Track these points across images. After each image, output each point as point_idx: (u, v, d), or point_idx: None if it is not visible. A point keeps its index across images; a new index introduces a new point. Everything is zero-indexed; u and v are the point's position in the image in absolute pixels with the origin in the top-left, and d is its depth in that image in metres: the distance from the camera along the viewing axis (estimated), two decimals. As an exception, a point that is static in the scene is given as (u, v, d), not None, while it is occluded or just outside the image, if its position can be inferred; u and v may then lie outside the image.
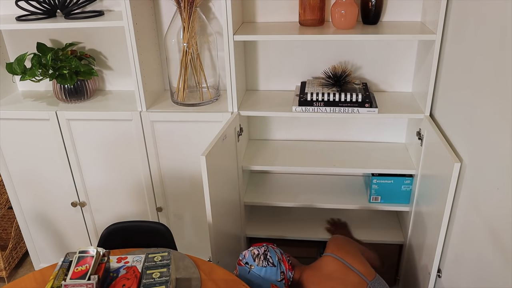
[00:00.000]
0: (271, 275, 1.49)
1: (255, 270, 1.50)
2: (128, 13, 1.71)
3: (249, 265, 1.52)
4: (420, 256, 1.73)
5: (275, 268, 1.50)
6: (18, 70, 1.91)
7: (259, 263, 1.51)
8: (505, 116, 1.12)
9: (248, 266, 1.52)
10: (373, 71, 1.97)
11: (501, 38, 1.15)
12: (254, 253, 1.53)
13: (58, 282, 1.23)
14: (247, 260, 1.53)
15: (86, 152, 2.02)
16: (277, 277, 1.50)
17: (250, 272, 1.50)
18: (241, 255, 1.56)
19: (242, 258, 1.55)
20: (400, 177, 1.90)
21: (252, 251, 1.54)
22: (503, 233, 1.13)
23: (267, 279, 1.49)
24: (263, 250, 1.54)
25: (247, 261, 1.53)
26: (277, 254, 1.54)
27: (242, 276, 1.52)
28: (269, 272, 1.50)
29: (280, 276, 1.50)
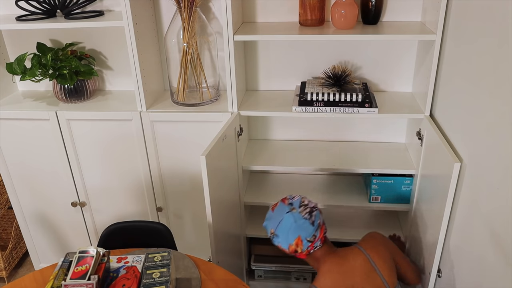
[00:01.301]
0: (305, 230, 1.42)
1: (294, 215, 1.43)
2: (128, 13, 1.71)
3: (292, 207, 1.45)
4: (420, 256, 1.73)
5: (312, 227, 1.43)
6: (18, 70, 1.91)
7: (302, 212, 1.44)
8: (505, 116, 1.12)
9: (290, 207, 1.45)
10: (373, 71, 1.97)
11: (501, 38, 1.15)
12: (304, 201, 1.48)
13: (58, 282, 1.23)
14: (292, 202, 1.47)
15: (86, 152, 2.02)
16: (308, 236, 1.42)
17: (288, 214, 1.44)
18: (290, 196, 1.51)
19: (289, 198, 1.49)
20: (400, 177, 1.90)
21: (303, 199, 1.49)
22: (503, 233, 1.13)
23: (297, 230, 1.42)
24: (312, 205, 1.48)
25: (293, 202, 1.47)
26: (320, 220, 1.47)
27: (278, 212, 1.46)
28: (305, 226, 1.42)
29: (311, 237, 1.43)
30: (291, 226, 1.42)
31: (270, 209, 1.51)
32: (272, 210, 1.50)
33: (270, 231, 1.48)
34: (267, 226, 1.50)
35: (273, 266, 2.17)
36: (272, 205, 1.52)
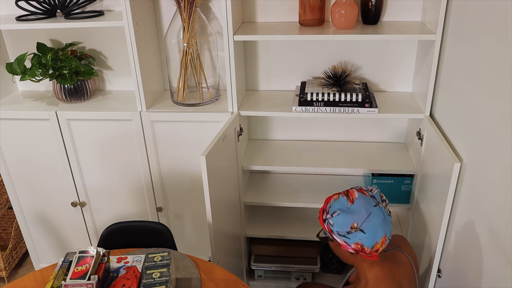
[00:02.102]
0: (390, 228, 1.28)
1: (382, 209, 1.28)
2: (128, 13, 1.71)
3: (377, 201, 1.30)
4: (420, 256, 1.73)
5: (392, 225, 1.31)
6: (18, 70, 1.91)
7: (385, 206, 1.32)
8: (505, 116, 1.12)
9: (375, 201, 1.30)
10: (373, 71, 1.97)
11: (501, 38, 1.15)
12: (382, 196, 1.35)
13: (58, 282, 1.23)
14: (374, 195, 1.32)
15: (86, 152, 2.02)
16: (390, 234, 1.28)
17: (376, 208, 1.27)
18: (366, 187, 1.35)
19: (368, 190, 1.34)
20: (400, 177, 1.90)
21: (381, 193, 1.35)
22: (503, 233, 1.13)
23: (385, 227, 1.27)
24: (387, 202, 1.36)
25: (374, 195, 1.32)
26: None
27: (362, 205, 1.27)
28: (390, 223, 1.29)
29: (391, 236, 1.31)
30: (381, 222, 1.26)
31: (348, 201, 1.28)
32: (351, 202, 1.28)
33: (351, 225, 1.25)
34: (345, 220, 1.26)
35: (273, 266, 2.17)
36: (348, 196, 1.30)
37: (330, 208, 1.31)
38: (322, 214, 1.34)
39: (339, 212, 1.27)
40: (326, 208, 1.32)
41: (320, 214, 1.35)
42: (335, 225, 1.27)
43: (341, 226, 1.26)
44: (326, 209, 1.32)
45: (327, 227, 1.30)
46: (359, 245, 1.25)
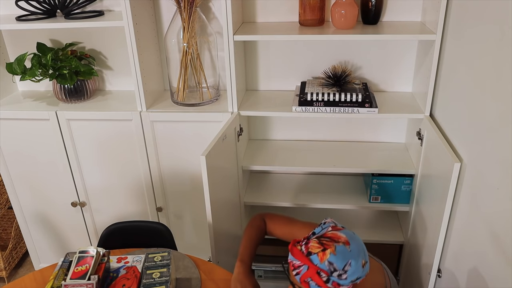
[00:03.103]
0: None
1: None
2: (128, 13, 1.71)
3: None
4: (420, 256, 1.73)
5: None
6: (18, 70, 1.91)
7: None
8: (505, 116, 1.12)
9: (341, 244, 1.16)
10: (373, 71, 1.97)
11: (501, 38, 1.15)
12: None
13: (58, 282, 1.23)
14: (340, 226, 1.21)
15: (86, 152, 2.02)
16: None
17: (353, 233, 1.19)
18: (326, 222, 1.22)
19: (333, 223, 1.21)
20: (400, 177, 1.90)
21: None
22: (503, 233, 1.13)
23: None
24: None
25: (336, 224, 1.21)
26: None
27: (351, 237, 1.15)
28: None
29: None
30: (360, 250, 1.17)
31: (344, 245, 1.13)
32: (346, 244, 1.13)
33: (362, 265, 1.14)
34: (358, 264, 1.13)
35: (273, 266, 2.17)
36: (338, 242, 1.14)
37: (333, 264, 1.11)
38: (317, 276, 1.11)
39: (350, 261, 1.11)
40: (324, 267, 1.11)
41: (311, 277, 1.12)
42: (351, 275, 1.11)
43: (356, 273, 1.12)
44: (324, 269, 1.11)
45: (333, 284, 1.11)
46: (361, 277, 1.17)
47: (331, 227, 1.18)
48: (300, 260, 1.12)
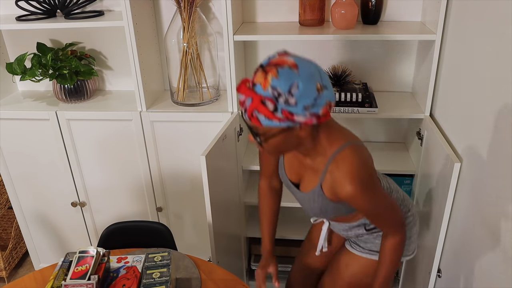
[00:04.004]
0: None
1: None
2: (128, 13, 1.71)
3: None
4: (420, 256, 1.73)
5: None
6: (18, 70, 1.91)
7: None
8: (505, 116, 1.12)
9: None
10: (373, 71, 1.97)
11: (501, 38, 1.15)
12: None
13: (58, 282, 1.23)
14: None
15: (86, 152, 2.02)
16: None
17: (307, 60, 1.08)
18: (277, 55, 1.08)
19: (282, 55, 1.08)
20: (400, 177, 1.90)
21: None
22: (503, 233, 1.13)
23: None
24: None
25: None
26: None
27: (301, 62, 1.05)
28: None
29: None
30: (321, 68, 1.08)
31: (291, 68, 1.01)
32: (294, 67, 1.01)
33: (316, 88, 1.02)
34: (308, 86, 1.00)
35: (275, 266, 2.16)
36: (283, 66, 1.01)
37: (277, 88, 0.99)
38: (262, 106, 1.01)
39: (297, 82, 0.99)
40: (268, 94, 1.00)
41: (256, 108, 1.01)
42: (301, 99, 1.00)
43: (308, 96, 1.00)
44: (268, 96, 1.00)
45: (284, 114, 1.01)
46: (327, 105, 1.05)
47: (278, 54, 1.06)
48: (245, 93, 1.03)
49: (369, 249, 1.45)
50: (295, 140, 1.10)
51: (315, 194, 1.23)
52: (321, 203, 1.24)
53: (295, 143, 1.11)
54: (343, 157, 1.14)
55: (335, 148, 1.15)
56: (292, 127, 1.05)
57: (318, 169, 1.20)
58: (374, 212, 1.22)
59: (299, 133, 1.07)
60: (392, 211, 1.26)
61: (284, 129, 1.05)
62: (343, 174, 1.12)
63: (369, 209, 1.20)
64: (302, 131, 1.06)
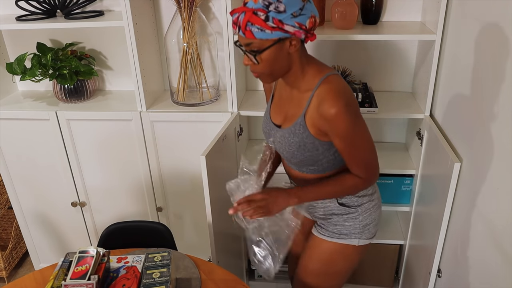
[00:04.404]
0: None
1: None
2: (128, 13, 1.71)
3: None
4: (420, 256, 1.73)
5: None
6: (18, 70, 1.91)
7: None
8: (505, 116, 1.12)
9: None
10: (373, 71, 1.97)
11: (501, 38, 1.15)
12: None
13: (58, 282, 1.23)
14: None
15: (86, 152, 2.02)
16: None
17: None
18: None
19: None
20: (400, 177, 1.90)
21: None
22: (503, 233, 1.13)
23: None
24: None
25: None
26: None
27: None
28: None
29: None
30: None
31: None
32: None
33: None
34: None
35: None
36: None
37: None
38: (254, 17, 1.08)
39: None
40: (259, 5, 1.08)
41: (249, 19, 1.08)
42: (289, 5, 1.08)
43: (294, 3, 1.09)
44: (260, 7, 1.08)
45: (275, 22, 1.08)
46: (313, 18, 1.13)
47: None
48: (238, 11, 1.12)
49: (339, 232, 1.41)
50: (286, 58, 1.17)
51: (296, 126, 1.24)
52: (300, 136, 1.24)
53: (286, 62, 1.18)
54: (331, 80, 1.20)
55: (323, 74, 1.21)
56: (283, 40, 1.12)
57: (304, 98, 1.23)
58: (352, 142, 1.21)
59: (290, 49, 1.15)
60: (370, 151, 1.27)
61: (275, 41, 1.12)
62: (331, 92, 1.17)
63: (348, 137, 1.19)
64: (292, 47, 1.14)
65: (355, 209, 1.39)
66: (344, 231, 1.41)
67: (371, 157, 1.28)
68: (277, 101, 1.36)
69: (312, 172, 1.35)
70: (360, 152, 1.24)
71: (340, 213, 1.40)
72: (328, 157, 1.29)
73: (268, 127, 1.38)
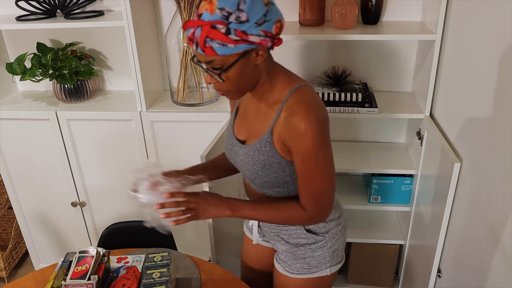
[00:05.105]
0: None
1: None
2: (128, 13, 1.71)
3: None
4: (420, 256, 1.73)
5: None
6: (18, 70, 1.91)
7: None
8: (505, 116, 1.12)
9: None
10: (373, 71, 1.97)
11: (501, 38, 1.15)
12: None
13: (58, 282, 1.23)
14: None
15: (86, 152, 2.02)
16: None
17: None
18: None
19: None
20: (400, 177, 1.90)
21: None
22: (503, 233, 1.13)
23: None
24: None
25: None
26: None
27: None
28: None
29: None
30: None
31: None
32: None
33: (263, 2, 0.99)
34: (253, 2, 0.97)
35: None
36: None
37: (225, 8, 0.95)
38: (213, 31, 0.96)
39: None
40: (217, 17, 0.95)
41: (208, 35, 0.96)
42: (251, 13, 0.96)
43: (257, 10, 0.97)
44: (218, 19, 0.95)
45: (237, 34, 0.97)
46: (279, 22, 1.02)
47: None
48: (192, 25, 0.97)
49: (308, 265, 1.28)
50: (253, 71, 1.06)
51: (262, 142, 1.12)
52: (266, 154, 1.12)
53: (253, 76, 1.07)
54: (302, 91, 1.09)
55: (293, 85, 1.10)
56: (248, 52, 1.01)
57: (272, 112, 1.11)
58: (313, 165, 1.07)
59: (256, 61, 1.03)
60: (328, 181, 1.10)
61: (241, 55, 1.00)
62: (302, 105, 1.05)
63: (310, 157, 1.06)
64: (259, 57, 1.03)
65: (322, 236, 1.26)
66: (314, 263, 1.27)
67: (327, 189, 1.11)
68: (242, 115, 1.23)
69: (277, 194, 1.21)
70: (317, 178, 1.09)
71: (307, 242, 1.26)
72: (294, 180, 1.15)
73: (231, 142, 1.24)
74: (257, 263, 1.50)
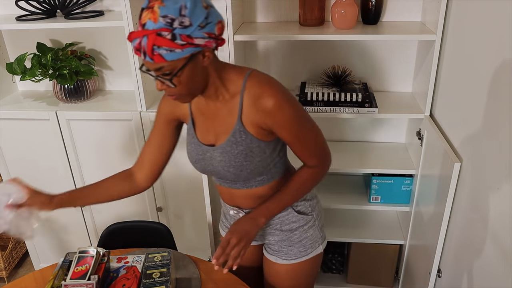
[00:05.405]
0: None
1: None
2: (128, 13, 1.71)
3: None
4: (420, 256, 1.73)
5: None
6: (18, 70, 1.91)
7: None
8: (505, 116, 1.12)
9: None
10: (373, 71, 1.97)
11: (501, 38, 1.15)
12: None
13: (58, 282, 1.23)
14: None
15: (86, 152, 2.02)
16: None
17: None
18: None
19: None
20: (400, 177, 1.90)
21: None
22: (503, 233, 1.13)
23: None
24: None
25: None
26: None
27: None
28: None
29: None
30: None
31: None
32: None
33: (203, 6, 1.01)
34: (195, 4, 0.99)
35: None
36: None
37: (167, 15, 0.98)
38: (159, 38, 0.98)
39: (184, 3, 0.98)
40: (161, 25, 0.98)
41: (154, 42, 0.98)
42: (193, 18, 0.99)
43: (198, 14, 1.00)
44: (162, 26, 0.98)
45: (183, 39, 1.00)
46: (220, 23, 1.06)
47: None
48: (137, 35, 1.00)
49: (304, 247, 1.34)
50: (202, 73, 1.09)
51: (236, 134, 1.16)
52: (244, 143, 1.16)
53: (203, 77, 1.10)
54: (255, 75, 1.15)
55: (244, 73, 1.15)
56: (195, 55, 1.04)
57: (234, 104, 1.15)
58: (300, 129, 1.15)
59: (204, 62, 1.07)
60: (317, 134, 1.20)
61: (188, 59, 1.03)
62: (263, 85, 1.12)
63: (294, 124, 1.13)
64: (206, 58, 1.06)
65: (311, 216, 1.33)
66: (309, 243, 1.33)
67: (320, 139, 1.21)
68: (201, 122, 1.26)
69: (260, 184, 1.26)
70: (310, 137, 1.18)
71: (299, 225, 1.32)
72: (275, 160, 1.23)
73: (199, 152, 1.27)
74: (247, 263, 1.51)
